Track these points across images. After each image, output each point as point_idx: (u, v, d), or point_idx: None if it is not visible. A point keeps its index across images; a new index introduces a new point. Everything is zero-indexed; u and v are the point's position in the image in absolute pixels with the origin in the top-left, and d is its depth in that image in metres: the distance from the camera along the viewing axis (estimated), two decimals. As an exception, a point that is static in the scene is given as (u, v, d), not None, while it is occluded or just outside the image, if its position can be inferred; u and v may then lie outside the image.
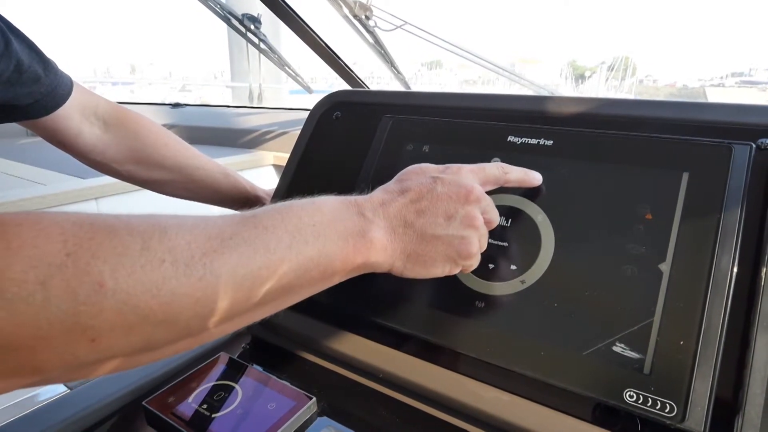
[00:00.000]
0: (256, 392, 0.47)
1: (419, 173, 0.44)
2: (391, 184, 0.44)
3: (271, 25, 1.91)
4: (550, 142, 0.50)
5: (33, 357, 0.24)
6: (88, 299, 0.25)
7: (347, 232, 0.38)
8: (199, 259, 0.29)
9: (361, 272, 0.40)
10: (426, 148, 0.56)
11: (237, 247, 0.32)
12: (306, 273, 0.35)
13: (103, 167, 0.75)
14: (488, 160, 0.52)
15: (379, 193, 0.43)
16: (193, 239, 0.30)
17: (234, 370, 0.50)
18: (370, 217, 0.40)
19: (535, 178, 0.48)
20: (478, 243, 0.42)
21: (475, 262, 0.43)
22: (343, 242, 0.37)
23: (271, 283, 0.33)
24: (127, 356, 0.28)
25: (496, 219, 0.45)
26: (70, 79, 0.67)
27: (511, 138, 0.52)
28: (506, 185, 0.47)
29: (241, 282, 0.31)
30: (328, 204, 0.39)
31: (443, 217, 0.41)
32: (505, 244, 0.48)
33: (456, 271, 0.43)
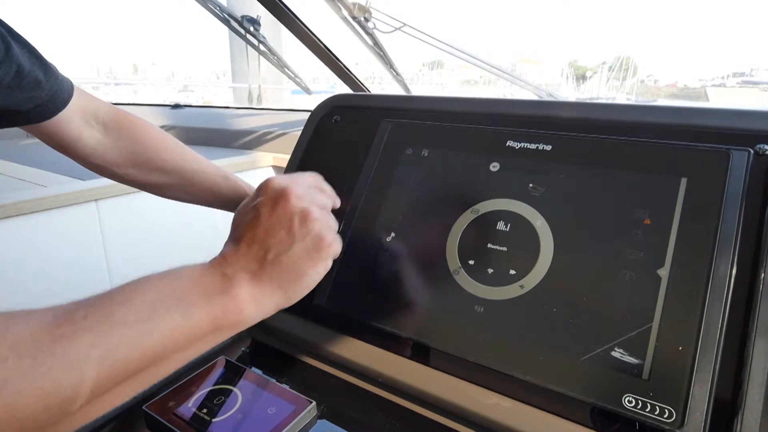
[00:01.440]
0: (256, 396, 0.47)
1: (244, 213, 0.45)
2: (230, 236, 0.45)
3: (272, 26, 1.91)
4: (548, 147, 0.50)
5: None
6: None
7: (210, 292, 0.38)
8: (47, 347, 0.29)
9: (243, 327, 0.40)
10: (425, 153, 0.56)
11: (91, 328, 0.31)
12: (171, 341, 0.35)
13: (103, 170, 0.75)
14: (487, 165, 0.52)
15: (226, 248, 0.43)
16: (40, 329, 0.29)
17: (233, 374, 0.50)
18: (230, 273, 0.40)
19: (338, 201, 0.51)
20: (328, 229, 0.43)
21: (337, 247, 0.44)
22: (208, 304, 0.37)
23: (133, 358, 0.33)
24: None
25: (327, 203, 0.47)
26: (71, 82, 0.67)
27: (509, 143, 0.52)
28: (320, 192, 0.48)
29: (98, 363, 0.30)
30: (187, 270, 0.39)
31: (284, 233, 0.42)
32: (504, 248, 0.48)
33: (328, 265, 0.44)
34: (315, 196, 0.45)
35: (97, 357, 0.30)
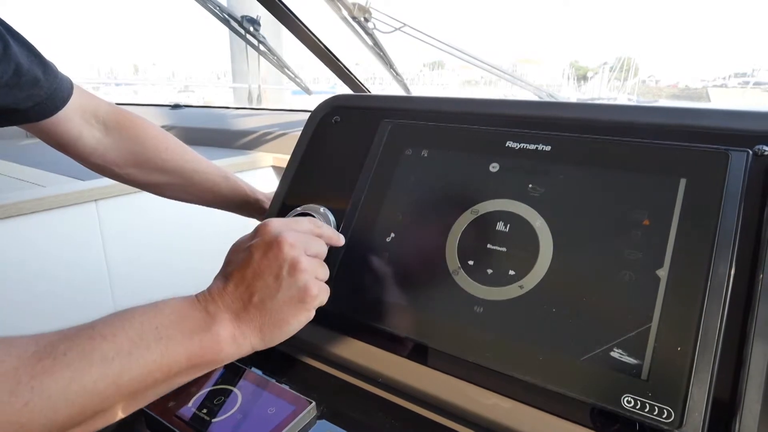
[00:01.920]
0: (256, 396, 0.47)
1: (237, 251, 0.46)
2: (219, 273, 0.45)
3: (272, 26, 1.91)
4: (548, 148, 0.50)
5: None
6: None
7: (192, 329, 0.39)
8: (26, 383, 0.29)
9: (219, 365, 0.41)
10: (425, 153, 0.56)
11: (71, 363, 0.32)
12: (149, 376, 0.36)
13: (104, 170, 0.75)
14: (487, 166, 0.52)
15: (213, 284, 0.44)
16: (21, 364, 0.30)
17: (233, 374, 0.50)
18: (213, 311, 0.41)
19: (340, 238, 0.52)
20: (315, 282, 0.44)
21: (323, 297, 0.45)
22: (189, 341, 0.38)
23: (108, 394, 0.33)
24: None
25: (322, 250, 0.47)
26: (70, 81, 0.67)
27: (509, 143, 0.52)
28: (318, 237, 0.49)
29: (74, 399, 0.31)
30: (170, 305, 0.40)
31: (272, 279, 0.42)
32: (504, 249, 0.48)
33: (311, 315, 0.44)
34: (309, 244, 0.46)
35: (73, 393, 0.31)
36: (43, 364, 0.31)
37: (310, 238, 0.47)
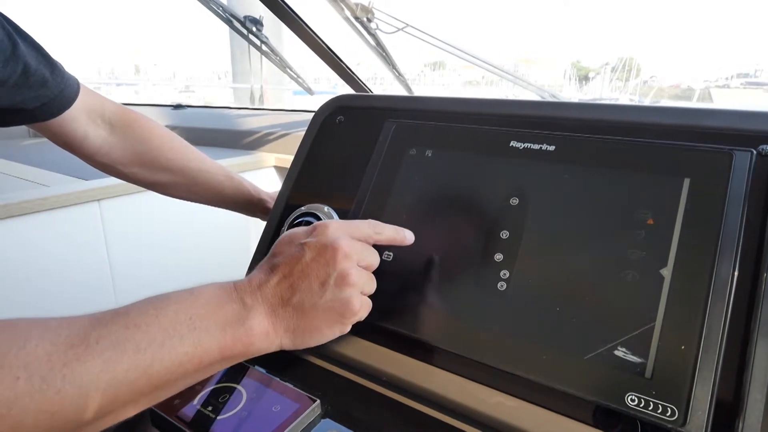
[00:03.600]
0: (260, 394, 0.47)
1: (289, 243, 0.44)
2: (264, 262, 0.44)
3: (273, 26, 1.91)
4: (552, 148, 0.50)
5: None
6: None
7: (226, 321, 0.38)
8: (59, 370, 0.29)
9: (247, 358, 0.40)
10: (429, 153, 0.56)
11: (103, 352, 0.31)
12: (180, 368, 0.35)
13: (109, 169, 0.76)
14: (490, 165, 0.52)
15: (256, 273, 0.42)
16: (54, 349, 0.29)
17: (238, 373, 0.50)
18: (249, 303, 0.39)
19: (406, 236, 0.49)
20: (358, 298, 0.42)
21: (363, 313, 0.44)
22: (221, 333, 0.37)
23: (139, 384, 0.33)
24: None
25: (374, 261, 0.46)
26: (77, 81, 0.67)
27: (513, 143, 0.52)
28: (378, 243, 0.47)
29: (105, 388, 0.31)
30: (206, 293, 0.39)
31: (317, 284, 0.41)
32: (507, 248, 0.48)
33: (346, 330, 0.43)
34: (363, 254, 0.44)
35: (104, 382, 0.31)
36: (75, 351, 0.30)
37: (365, 248, 0.45)
